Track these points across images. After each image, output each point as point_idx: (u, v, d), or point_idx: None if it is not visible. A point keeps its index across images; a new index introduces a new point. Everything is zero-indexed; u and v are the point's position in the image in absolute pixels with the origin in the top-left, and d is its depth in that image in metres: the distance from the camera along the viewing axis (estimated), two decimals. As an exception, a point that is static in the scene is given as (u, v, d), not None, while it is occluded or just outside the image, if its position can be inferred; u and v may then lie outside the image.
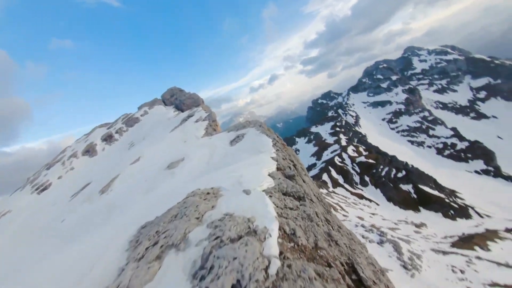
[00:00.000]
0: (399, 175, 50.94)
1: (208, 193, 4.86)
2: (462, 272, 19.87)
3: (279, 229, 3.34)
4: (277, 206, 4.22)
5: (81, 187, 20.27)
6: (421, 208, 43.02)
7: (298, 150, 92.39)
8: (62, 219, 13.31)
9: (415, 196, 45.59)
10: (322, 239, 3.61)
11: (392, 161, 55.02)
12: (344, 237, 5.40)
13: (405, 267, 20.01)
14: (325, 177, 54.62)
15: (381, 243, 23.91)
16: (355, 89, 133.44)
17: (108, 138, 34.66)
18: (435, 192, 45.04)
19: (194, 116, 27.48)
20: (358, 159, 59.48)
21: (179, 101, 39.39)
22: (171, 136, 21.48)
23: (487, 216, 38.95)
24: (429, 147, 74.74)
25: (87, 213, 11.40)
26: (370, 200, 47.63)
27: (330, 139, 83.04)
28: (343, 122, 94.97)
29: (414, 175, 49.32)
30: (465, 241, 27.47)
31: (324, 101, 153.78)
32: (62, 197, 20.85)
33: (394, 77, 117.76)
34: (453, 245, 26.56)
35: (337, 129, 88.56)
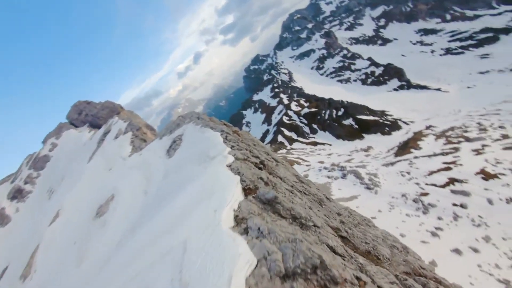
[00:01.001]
0: (339, 113, 56.38)
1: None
2: (408, 173, 23.74)
3: None
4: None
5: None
6: (364, 135, 49.27)
7: (250, 123, 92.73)
8: None
9: (356, 126, 51.66)
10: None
11: (330, 103, 60.08)
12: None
13: (368, 188, 22.72)
14: (280, 138, 56.76)
15: (344, 176, 26.47)
16: (279, 46, 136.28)
17: (17, 195, 27.09)
18: (370, 117, 51.81)
19: (112, 131, 22.45)
20: (302, 112, 63.06)
21: (92, 116, 32.84)
22: (91, 167, 16.94)
23: (411, 122, 47.18)
24: (355, 80, 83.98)
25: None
26: (323, 144, 52.15)
27: (273, 102, 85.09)
28: (279, 81, 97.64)
29: (351, 109, 55.28)
30: (403, 148, 32.82)
31: (256, 67, 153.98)
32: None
33: (309, 25, 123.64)
34: (396, 154, 31.45)
35: (276, 90, 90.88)
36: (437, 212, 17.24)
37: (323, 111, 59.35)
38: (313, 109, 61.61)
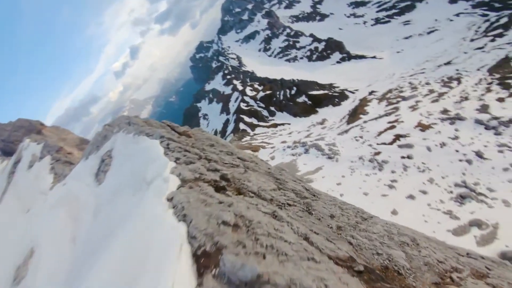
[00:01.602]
0: (292, 92, 58.16)
1: None
2: (361, 137, 25.92)
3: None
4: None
5: None
6: (317, 109, 52.13)
7: (207, 115, 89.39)
8: None
9: (309, 102, 54.22)
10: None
11: (282, 83, 61.37)
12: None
13: (330, 158, 24.14)
14: (242, 126, 56.27)
15: (306, 151, 27.64)
16: (223, 30, 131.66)
17: None
18: (321, 92, 54.80)
19: (23, 159, 17.33)
20: (258, 96, 63.16)
21: (3, 142, 26.90)
22: (4, 210, 12.82)
23: (356, 90, 51.46)
24: (301, 58, 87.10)
25: None
26: (283, 124, 53.62)
27: (227, 90, 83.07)
28: (230, 67, 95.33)
29: (302, 87, 57.47)
30: (353, 116, 35.67)
31: (202, 55, 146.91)
32: None
33: (249, 6, 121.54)
34: (348, 122, 34.06)
35: (228, 77, 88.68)
36: (390, 167, 19.30)
37: (277, 92, 60.42)
38: (268, 92, 62.15)
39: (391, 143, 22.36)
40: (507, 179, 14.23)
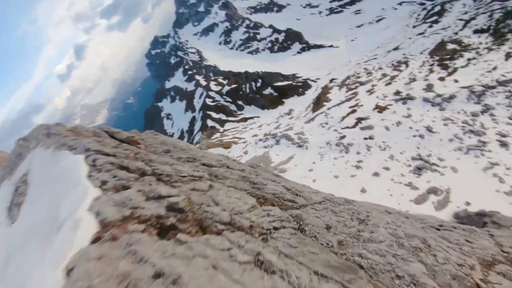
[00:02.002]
0: (258, 84, 58.21)
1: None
2: (326, 123, 27.05)
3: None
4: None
5: None
6: (284, 100, 53.11)
7: (170, 114, 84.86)
8: None
9: (276, 94, 54.94)
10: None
11: (247, 76, 60.96)
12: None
13: (300, 146, 24.76)
14: (210, 123, 54.70)
15: (277, 142, 27.98)
16: (178, 24, 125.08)
17: None
18: (285, 83, 55.83)
19: None
20: (224, 90, 61.83)
21: None
22: None
23: (318, 79, 53.54)
24: (263, 50, 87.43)
25: None
26: (252, 118, 53.57)
27: (190, 86, 79.78)
28: (190, 62, 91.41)
29: (267, 78, 57.84)
30: (317, 104, 37.08)
31: (158, 51, 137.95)
32: None
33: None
34: (313, 110, 35.32)
35: (189, 72, 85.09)
36: (355, 148, 20.52)
37: (243, 86, 59.88)
38: (233, 86, 61.18)
39: (353, 126, 23.76)
40: (453, 148, 16.14)
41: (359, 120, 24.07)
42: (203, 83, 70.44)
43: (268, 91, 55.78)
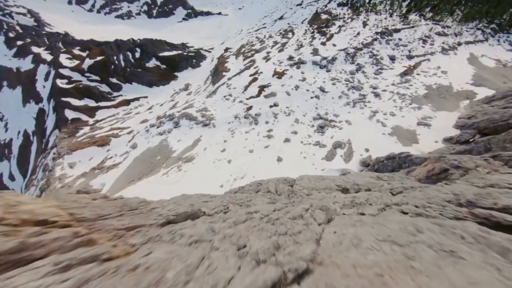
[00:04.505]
0: (137, 55, 49.24)
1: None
2: (230, 95, 25.97)
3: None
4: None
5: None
6: (176, 74, 47.81)
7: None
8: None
9: (164, 66, 48.49)
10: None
11: (119, 45, 50.06)
12: None
13: (206, 125, 22.66)
14: (70, 114, 41.10)
15: (177, 125, 24.55)
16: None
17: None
18: (174, 52, 50.08)
19: None
20: (83, 65, 48.27)
21: None
22: None
23: (212, 49, 51.23)
24: (138, 14, 74.42)
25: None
26: (137, 99, 45.37)
27: (24, 64, 57.62)
28: (18, 28, 65.43)
29: (149, 47, 49.75)
30: (216, 75, 35.30)
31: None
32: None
33: None
34: (213, 83, 33.42)
35: (19, 43, 60.91)
36: (263, 118, 20.67)
37: (114, 57, 48.85)
38: (98, 58, 48.69)
39: (258, 95, 23.90)
40: (343, 104, 18.90)
41: (262, 88, 24.41)
42: (48, 57, 52.37)
43: (153, 63, 48.37)
